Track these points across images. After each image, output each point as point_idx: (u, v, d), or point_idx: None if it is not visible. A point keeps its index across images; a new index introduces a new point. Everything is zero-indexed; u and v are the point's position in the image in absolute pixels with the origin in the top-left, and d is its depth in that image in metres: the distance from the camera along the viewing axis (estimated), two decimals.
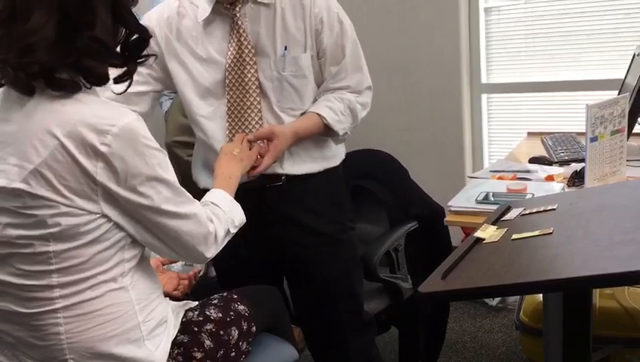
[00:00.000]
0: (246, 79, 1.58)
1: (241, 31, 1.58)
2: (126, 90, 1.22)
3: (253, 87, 1.59)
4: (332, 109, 1.62)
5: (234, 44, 1.58)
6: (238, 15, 1.57)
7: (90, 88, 1.12)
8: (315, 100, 1.67)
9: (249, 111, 1.60)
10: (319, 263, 1.71)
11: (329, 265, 1.72)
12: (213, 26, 1.61)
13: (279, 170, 1.64)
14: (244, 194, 1.49)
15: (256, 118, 1.60)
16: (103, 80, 1.13)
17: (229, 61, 1.58)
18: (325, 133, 1.65)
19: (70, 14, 1.06)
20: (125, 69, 1.17)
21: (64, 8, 1.05)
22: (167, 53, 1.62)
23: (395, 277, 2.03)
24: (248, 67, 1.58)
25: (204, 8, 1.59)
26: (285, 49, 1.59)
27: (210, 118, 1.63)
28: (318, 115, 1.61)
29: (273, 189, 1.64)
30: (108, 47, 1.10)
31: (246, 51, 1.58)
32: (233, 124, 1.61)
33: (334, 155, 1.75)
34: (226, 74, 1.59)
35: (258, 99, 1.59)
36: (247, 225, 1.41)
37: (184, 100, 1.65)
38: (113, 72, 1.17)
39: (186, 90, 1.63)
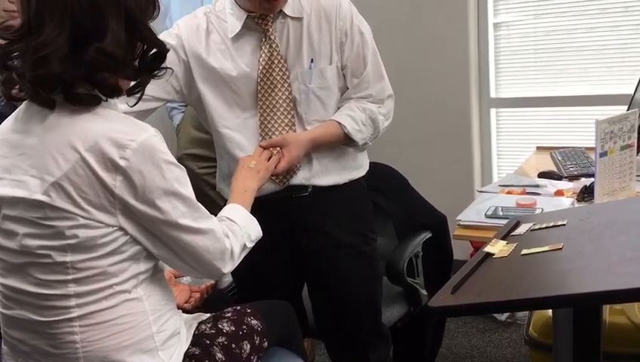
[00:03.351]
0: (278, 92, 1.60)
1: (272, 45, 1.60)
2: (137, 102, 1.23)
3: (285, 99, 1.61)
4: (353, 118, 1.63)
5: (265, 58, 1.60)
6: (270, 30, 1.60)
7: (107, 101, 1.14)
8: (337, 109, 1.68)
9: (282, 124, 1.62)
10: (341, 275, 1.72)
11: (351, 276, 1.72)
12: (242, 40, 1.62)
13: (305, 182, 1.65)
14: (269, 203, 1.50)
15: (288, 131, 1.62)
16: (115, 92, 1.15)
17: (261, 75, 1.60)
18: (345, 142, 1.65)
19: (81, 27, 1.07)
20: (137, 81, 1.19)
21: (75, 21, 1.07)
22: (194, 66, 1.62)
23: (416, 282, 2.04)
24: (279, 80, 1.60)
25: (234, 23, 1.60)
26: (312, 62, 1.61)
27: (237, 130, 1.64)
28: (339, 123, 1.62)
29: (299, 199, 1.66)
30: (116, 60, 1.10)
31: (278, 65, 1.60)
32: (267, 137, 1.62)
33: (359, 166, 1.76)
34: (258, 87, 1.61)
35: (292, 113, 1.62)
36: (271, 232, 1.43)
37: (209, 112, 1.65)
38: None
39: (213, 101, 1.64)
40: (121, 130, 1.10)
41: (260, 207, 1.45)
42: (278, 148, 1.58)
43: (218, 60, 1.61)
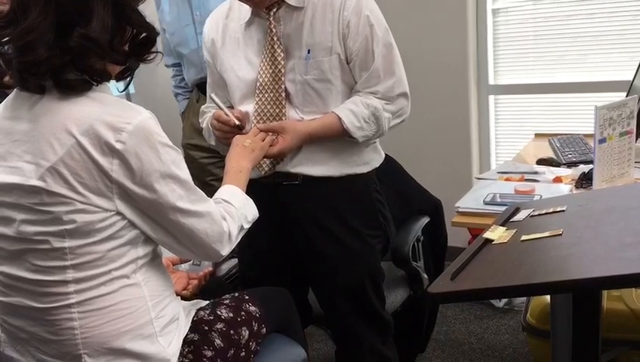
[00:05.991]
0: (276, 83, 1.59)
1: (273, 35, 1.59)
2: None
3: (280, 90, 1.59)
4: (354, 114, 1.58)
5: (268, 48, 1.59)
6: (271, 19, 1.58)
7: (98, 85, 1.13)
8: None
9: (274, 113, 1.60)
10: (328, 266, 1.70)
11: (336, 269, 1.70)
12: (252, 28, 1.64)
13: (291, 170, 1.63)
14: (260, 188, 1.49)
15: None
16: (104, 77, 1.14)
17: (262, 64, 1.60)
18: (345, 136, 1.61)
19: (66, 12, 1.06)
20: (126, 65, 1.18)
21: (60, 6, 1.06)
22: (214, 57, 1.70)
23: (418, 266, 2.05)
24: (279, 71, 1.59)
25: (247, 10, 1.63)
26: (309, 52, 1.58)
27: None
28: (339, 117, 1.59)
29: (290, 186, 1.64)
30: (101, 45, 1.09)
31: (278, 56, 1.58)
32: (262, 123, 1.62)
33: (365, 162, 1.71)
34: (258, 76, 1.61)
35: (284, 102, 1.60)
36: (266, 219, 1.41)
37: (231, 100, 1.70)
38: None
39: (232, 90, 1.68)
40: (116, 113, 1.09)
41: (253, 191, 1.44)
42: (271, 133, 1.57)
43: (231, 50, 1.66)
